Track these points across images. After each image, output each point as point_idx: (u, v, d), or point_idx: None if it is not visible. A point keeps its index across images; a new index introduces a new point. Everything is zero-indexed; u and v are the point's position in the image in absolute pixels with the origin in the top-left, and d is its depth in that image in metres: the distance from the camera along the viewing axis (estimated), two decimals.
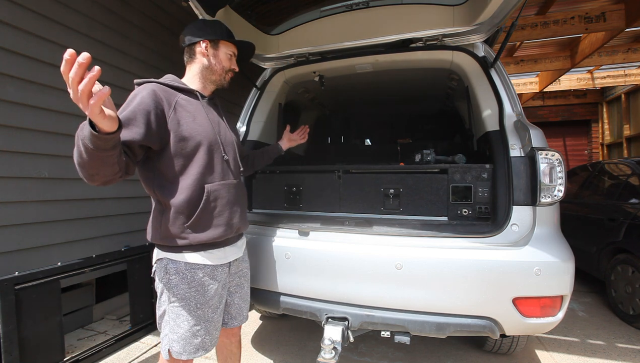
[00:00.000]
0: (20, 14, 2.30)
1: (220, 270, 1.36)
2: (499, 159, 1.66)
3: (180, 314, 1.26)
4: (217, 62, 1.40)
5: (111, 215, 2.96)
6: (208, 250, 1.31)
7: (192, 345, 1.27)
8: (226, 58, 1.43)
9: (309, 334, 2.69)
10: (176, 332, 1.26)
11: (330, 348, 1.50)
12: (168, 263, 1.27)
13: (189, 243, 1.25)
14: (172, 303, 1.27)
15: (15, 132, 2.28)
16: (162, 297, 1.29)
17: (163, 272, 1.28)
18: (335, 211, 2.02)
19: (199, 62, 1.39)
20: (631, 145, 8.16)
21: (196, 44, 1.37)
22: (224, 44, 1.42)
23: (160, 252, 1.30)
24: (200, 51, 1.37)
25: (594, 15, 4.30)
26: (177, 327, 1.26)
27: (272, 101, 2.36)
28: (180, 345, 1.26)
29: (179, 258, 1.26)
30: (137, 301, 2.69)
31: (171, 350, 1.27)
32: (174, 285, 1.26)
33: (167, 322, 1.29)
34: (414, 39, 2.04)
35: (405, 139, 4.10)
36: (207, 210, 1.28)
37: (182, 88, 1.33)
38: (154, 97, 1.18)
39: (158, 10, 3.47)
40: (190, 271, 1.27)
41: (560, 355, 2.40)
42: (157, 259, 1.31)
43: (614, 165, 3.84)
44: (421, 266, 1.52)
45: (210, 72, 1.40)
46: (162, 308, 1.30)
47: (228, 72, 1.45)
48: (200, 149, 1.28)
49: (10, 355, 1.87)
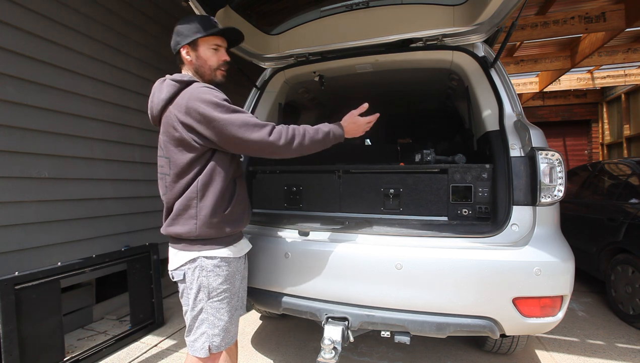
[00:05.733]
0: (20, 14, 2.30)
1: (241, 262, 1.44)
2: (499, 159, 1.66)
3: (220, 308, 1.32)
4: (202, 63, 1.36)
5: (111, 215, 2.96)
6: (234, 243, 1.39)
7: (230, 334, 1.36)
8: (210, 54, 1.36)
9: (309, 334, 2.69)
10: (217, 326, 1.31)
11: (330, 348, 1.50)
12: (203, 261, 1.30)
13: (226, 235, 1.32)
14: (211, 300, 1.30)
15: (15, 132, 2.28)
16: (199, 296, 1.30)
17: (198, 270, 1.29)
18: (335, 211, 2.02)
19: (187, 68, 1.39)
20: (631, 145, 8.15)
21: (179, 51, 1.36)
22: (203, 40, 1.35)
23: (191, 253, 1.29)
24: (184, 58, 1.36)
25: (594, 15, 4.30)
26: (217, 321, 1.31)
27: (272, 101, 2.36)
28: (221, 337, 1.32)
29: (216, 254, 1.30)
30: (137, 301, 2.69)
31: (211, 346, 1.31)
32: (212, 281, 1.30)
33: (204, 319, 1.31)
34: (414, 39, 2.04)
35: (405, 139, 4.10)
36: (238, 203, 1.37)
37: None
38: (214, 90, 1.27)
39: (158, 10, 3.48)
40: (225, 265, 1.33)
41: (560, 355, 2.40)
42: (189, 260, 1.30)
43: (614, 165, 3.84)
44: (421, 266, 1.51)
45: (201, 75, 1.38)
46: (199, 307, 1.30)
47: (217, 69, 1.40)
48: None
49: (10, 355, 1.87)
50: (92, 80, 2.82)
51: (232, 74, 1.49)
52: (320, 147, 1.37)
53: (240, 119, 1.21)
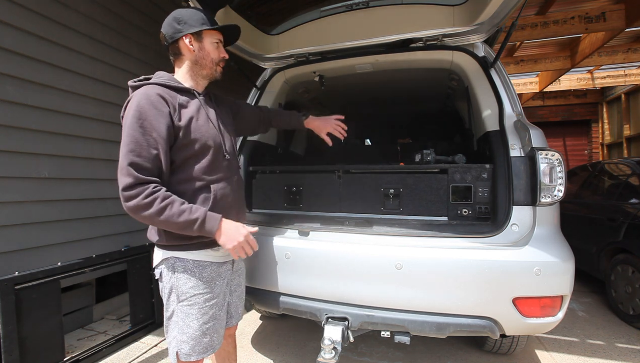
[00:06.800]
0: (20, 14, 2.30)
1: (225, 267, 1.37)
2: (499, 159, 1.66)
3: (189, 313, 1.25)
4: (204, 55, 1.32)
5: (111, 215, 2.96)
6: (214, 247, 1.30)
7: (202, 344, 1.27)
8: (213, 48, 1.33)
9: (309, 334, 2.69)
10: (185, 332, 1.25)
11: (330, 348, 1.50)
12: (175, 262, 1.26)
13: (198, 241, 1.25)
14: (181, 303, 1.25)
15: (15, 132, 2.28)
16: (171, 298, 1.27)
17: (170, 271, 1.26)
18: (335, 211, 2.02)
19: (186, 59, 1.32)
20: (631, 145, 8.16)
21: (179, 40, 1.28)
22: (208, 33, 1.31)
23: (165, 252, 1.27)
24: (185, 47, 1.29)
25: (594, 15, 4.30)
26: (186, 327, 1.25)
27: (272, 101, 2.36)
28: (190, 345, 1.25)
29: (187, 256, 1.26)
30: (137, 301, 2.69)
31: (179, 353, 1.26)
32: (182, 284, 1.25)
33: (175, 323, 1.27)
34: (414, 39, 2.04)
35: (405, 139, 4.11)
36: (216, 209, 1.26)
37: (180, 88, 1.28)
38: (160, 102, 1.17)
39: (158, 10, 3.48)
40: (198, 268, 1.27)
41: (560, 355, 2.40)
42: (163, 259, 1.28)
43: (614, 165, 3.84)
44: (421, 266, 1.51)
45: (200, 67, 1.33)
46: (171, 310, 1.28)
47: (219, 64, 1.37)
48: (205, 150, 1.27)
49: (10, 355, 1.87)
50: (92, 80, 2.82)
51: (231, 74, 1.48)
52: (176, 230, 1.16)
53: (127, 147, 1.11)
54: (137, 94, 1.19)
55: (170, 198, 1.12)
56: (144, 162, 1.11)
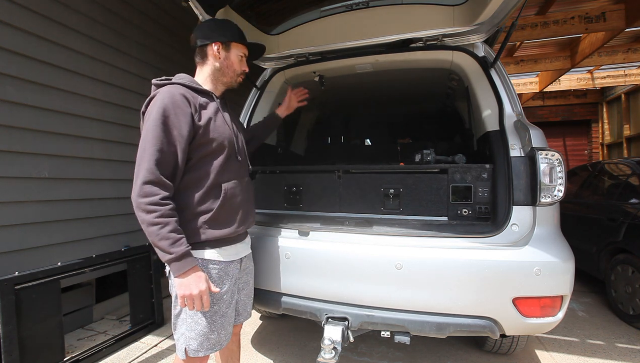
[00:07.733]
0: (20, 14, 2.30)
1: (233, 266, 1.40)
2: (499, 159, 1.66)
3: (197, 311, 1.28)
4: (228, 64, 1.41)
5: (111, 215, 2.96)
6: (222, 246, 1.34)
7: (210, 341, 1.30)
8: (237, 60, 1.43)
9: (309, 334, 2.69)
10: (194, 329, 1.28)
11: (330, 348, 1.50)
12: None
13: (206, 238, 1.28)
14: None
15: (15, 132, 2.28)
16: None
17: None
18: (335, 211, 2.02)
19: (210, 63, 1.39)
20: (631, 145, 8.15)
21: (208, 45, 1.37)
22: (236, 45, 1.41)
23: None
24: (212, 53, 1.37)
25: (594, 15, 4.30)
26: (194, 324, 1.28)
27: (272, 101, 2.36)
28: (198, 342, 1.28)
29: (196, 254, 1.28)
30: (137, 301, 2.69)
31: (188, 349, 1.28)
32: None
33: (183, 320, 1.30)
34: (414, 39, 2.04)
35: (405, 139, 4.11)
36: (225, 208, 1.32)
37: (200, 89, 1.34)
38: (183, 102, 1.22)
39: (158, 10, 3.48)
40: (207, 267, 1.30)
41: (560, 355, 2.40)
42: None
43: (614, 165, 3.84)
44: (421, 266, 1.52)
45: (222, 74, 1.41)
46: (179, 307, 1.30)
47: (239, 75, 1.46)
48: (221, 149, 1.32)
49: (10, 356, 1.87)
50: (92, 80, 2.82)
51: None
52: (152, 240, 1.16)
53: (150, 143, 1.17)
54: (162, 92, 1.23)
55: (166, 219, 1.14)
56: (164, 159, 1.18)
